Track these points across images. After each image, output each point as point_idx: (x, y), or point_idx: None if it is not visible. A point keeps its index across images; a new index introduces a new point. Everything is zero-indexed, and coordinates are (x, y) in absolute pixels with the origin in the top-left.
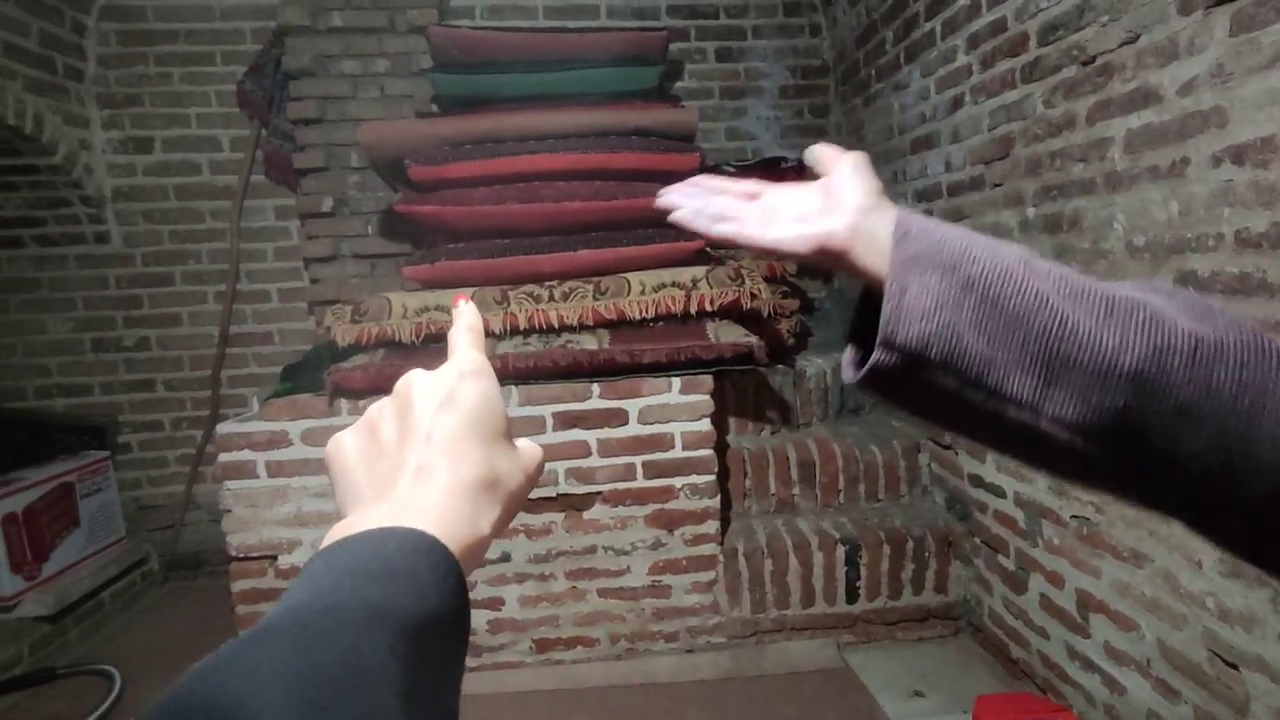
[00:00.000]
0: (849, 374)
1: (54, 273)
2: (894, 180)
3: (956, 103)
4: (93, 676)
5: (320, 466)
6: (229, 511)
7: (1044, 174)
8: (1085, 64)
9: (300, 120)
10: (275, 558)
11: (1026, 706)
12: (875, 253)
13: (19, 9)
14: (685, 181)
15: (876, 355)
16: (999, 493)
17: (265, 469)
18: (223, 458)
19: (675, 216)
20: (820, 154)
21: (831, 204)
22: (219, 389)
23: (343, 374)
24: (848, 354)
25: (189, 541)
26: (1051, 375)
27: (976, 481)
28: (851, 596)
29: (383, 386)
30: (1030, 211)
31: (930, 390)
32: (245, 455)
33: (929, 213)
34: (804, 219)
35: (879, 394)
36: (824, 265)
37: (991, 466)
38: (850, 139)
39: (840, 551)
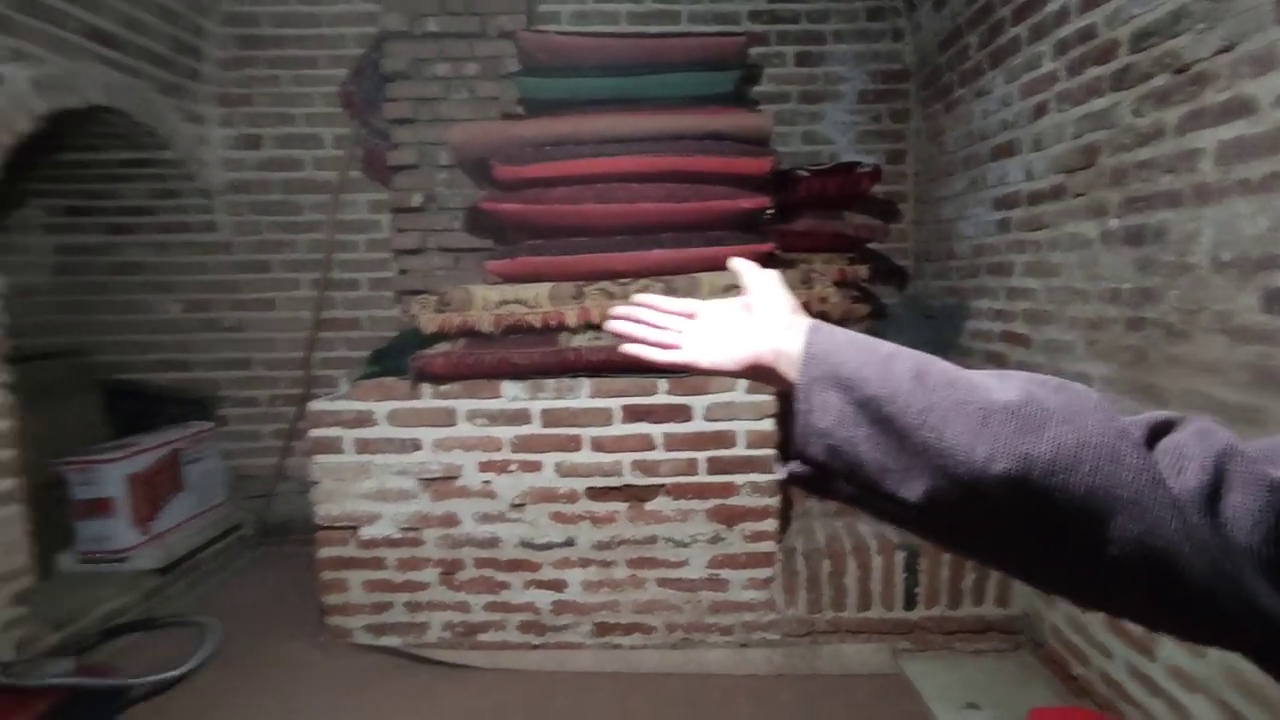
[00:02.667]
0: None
1: (167, 258)
2: (972, 188)
3: (1040, 110)
4: (195, 627)
5: (402, 445)
6: (317, 483)
7: (1129, 184)
8: (1178, 72)
9: (395, 120)
10: (357, 529)
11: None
12: (791, 369)
13: (152, 15)
14: (630, 302)
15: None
16: None
17: (352, 445)
18: (313, 433)
19: (624, 348)
20: (740, 270)
21: (755, 325)
22: (310, 369)
23: (426, 359)
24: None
25: (279, 511)
26: (934, 481)
27: None
28: (909, 603)
29: (463, 373)
30: (1113, 223)
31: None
32: (334, 432)
33: (1006, 223)
34: (733, 342)
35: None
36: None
37: None
38: (930, 145)
39: (900, 557)
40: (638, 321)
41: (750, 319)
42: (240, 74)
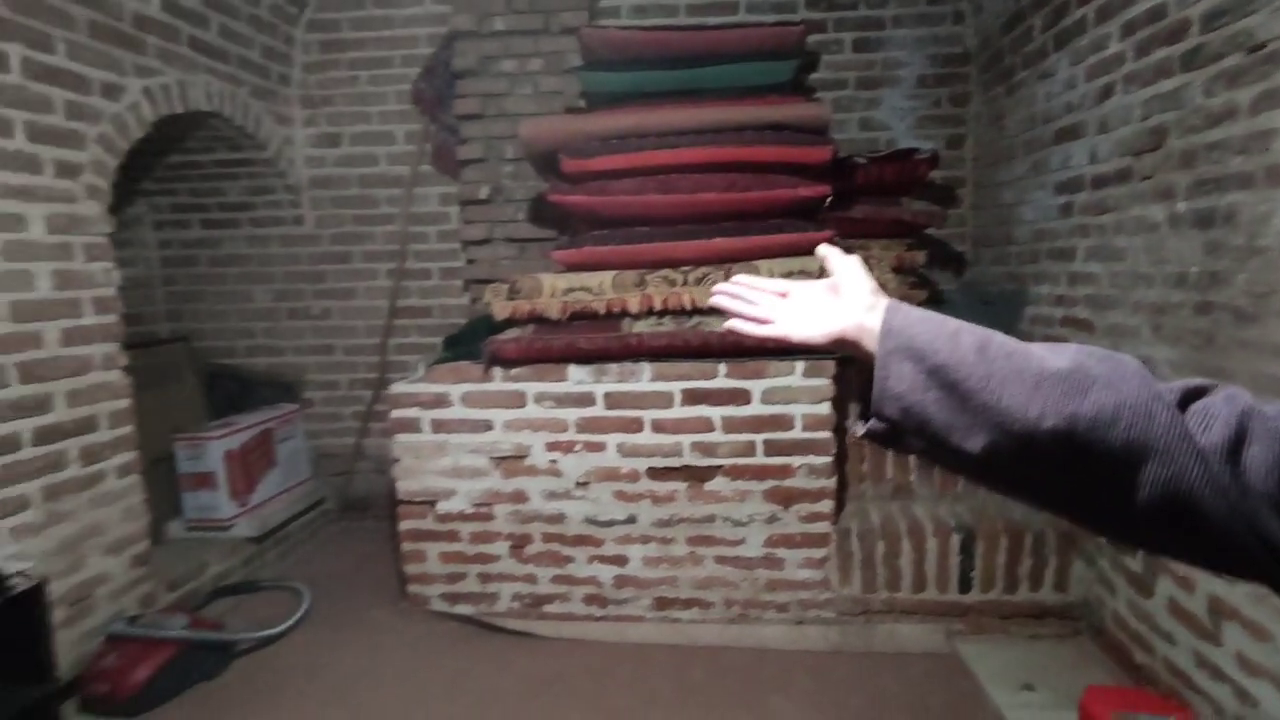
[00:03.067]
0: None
1: (261, 250)
2: (1034, 172)
3: (1106, 92)
4: (288, 591)
5: (475, 425)
6: (398, 460)
7: (1199, 167)
8: (1252, 51)
9: (464, 116)
10: (434, 503)
11: (1138, 700)
12: (872, 342)
13: (248, 26)
14: (730, 282)
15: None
16: None
17: (430, 425)
18: (394, 413)
19: (727, 324)
20: (827, 255)
21: (841, 304)
22: (387, 355)
23: (498, 344)
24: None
25: (358, 488)
26: (993, 437)
27: None
28: (964, 586)
29: (532, 358)
30: (1181, 206)
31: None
32: (413, 412)
33: (1069, 207)
34: (822, 318)
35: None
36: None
37: None
38: (990, 129)
39: (955, 540)
40: (737, 298)
41: (836, 299)
42: (322, 76)
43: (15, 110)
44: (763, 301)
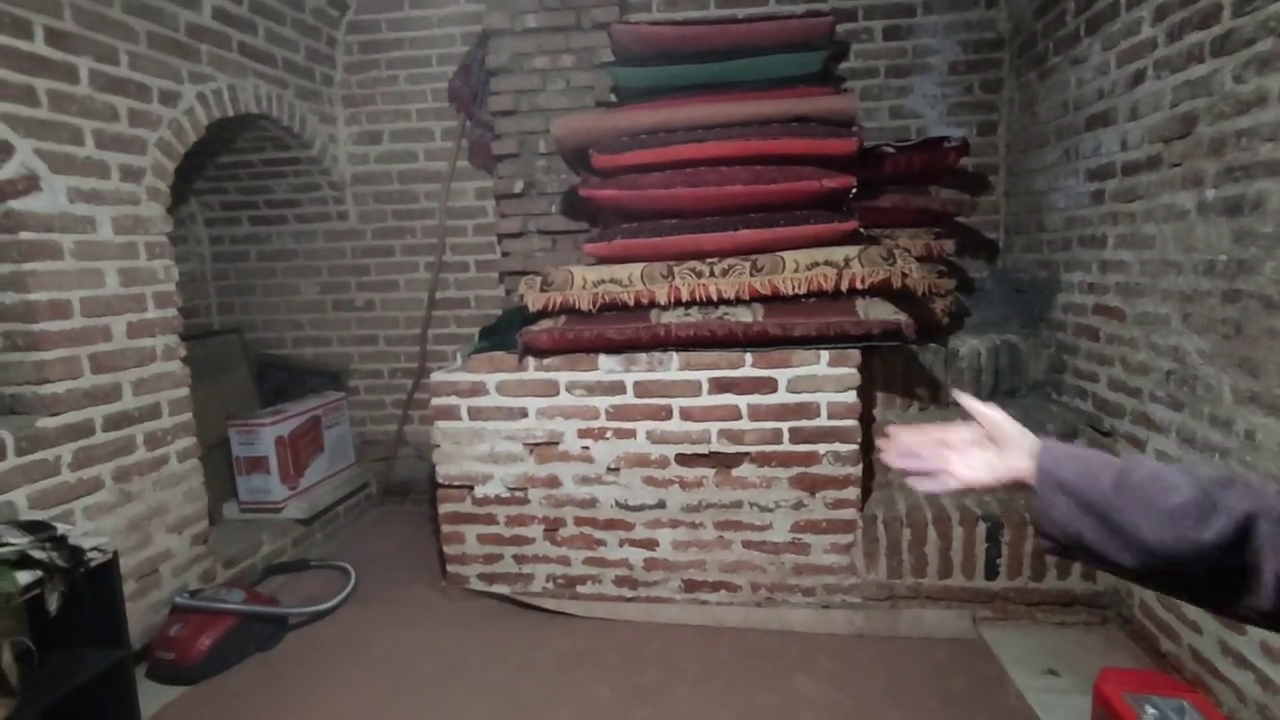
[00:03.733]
0: (1041, 545)
1: (308, 245)
2: (1065, 159)
3: (1137, 78)
4: (336, 570)
5: (510, 413)
6: (438, 446)
7: (1228, 154)
8: None
9: (498, 112)
10: (472, 488)
11: (1152, 682)
12: (1032, 479)
13: (293, 30)
14: (896, 444)
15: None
16: None
17: (467, 413)
18: (434, 401)
19: (909, 481)
20: (970, 406)
21: (1007, 451)
22: (426, 345)
23: (532, 335)
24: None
25: (399, 473)
26: (1140, 558)
27: None
28: (991, 573)
29: (564, 348)
30: (1209, 194)
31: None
32: (451, 400)
33: (1100, 194)
34: (990, 466)
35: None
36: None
37: (1152, 454)
38: (1022, 115)
39: (982, 528)
40: (909, 456)
41: (996, 447)
42: (363, 76)
43: (85, 119)
44: (929, 453)
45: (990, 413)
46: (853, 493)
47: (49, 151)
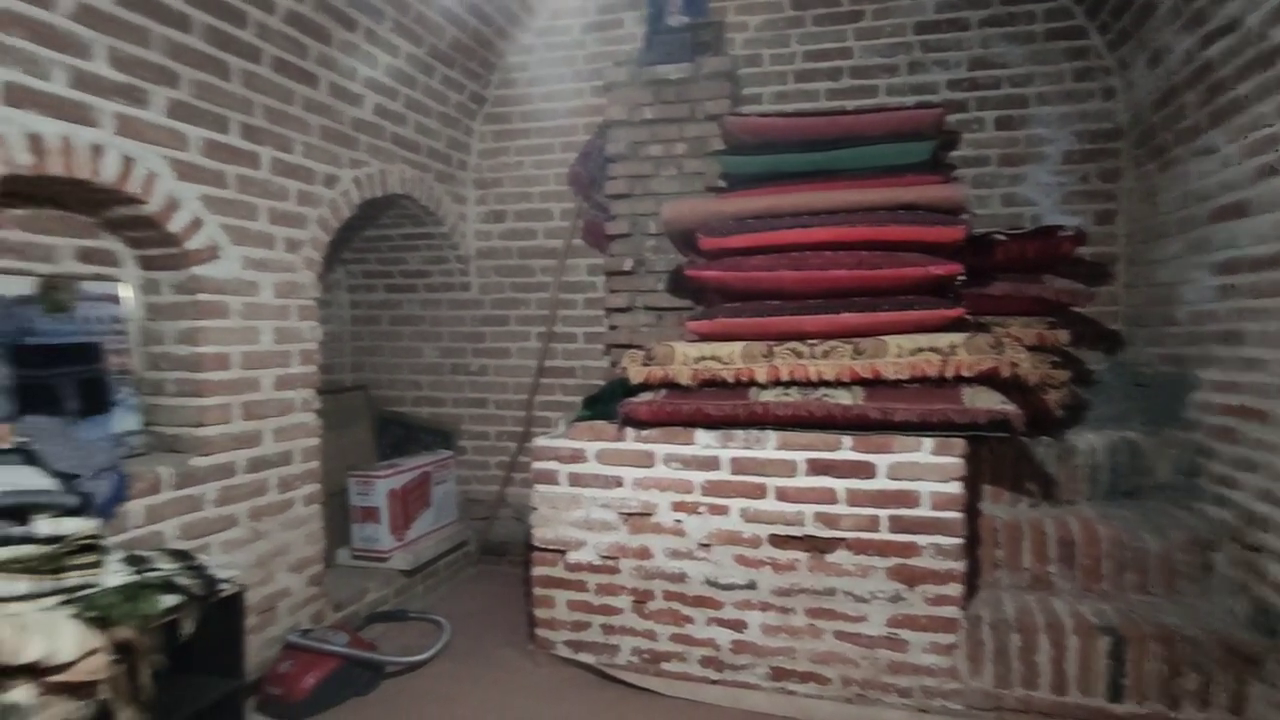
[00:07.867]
0: None
1: (433, 312)
2: (1191, 251)
3: (1265, 171)
4: (431, 623)
5: (607, 481)
6: (536, 509)
7: None
8: None
9: (614, 195)
10: (565, 553)
11: None
12: None
13: (437, 122)
14: None
15: None
16: None
17: (566, 479)
18: (535, 465)
19: None
20: None
21: None
22: (532, 411)
23: (632, 406)
24: None
25: (497, 533)
26: None
27: None
28: (1114, 694)
29: (662, 420)
30: None
31: None
32: (552, 465)
33: (1229, 289)
34: None
35: None
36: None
37: None
38: (1143, 205)
39: (1103, 642)
40: None
41: None
42: (494, 161)
43: (261, 199)
44: None
45: None
46: (955, 589)
47: (230, 226)
